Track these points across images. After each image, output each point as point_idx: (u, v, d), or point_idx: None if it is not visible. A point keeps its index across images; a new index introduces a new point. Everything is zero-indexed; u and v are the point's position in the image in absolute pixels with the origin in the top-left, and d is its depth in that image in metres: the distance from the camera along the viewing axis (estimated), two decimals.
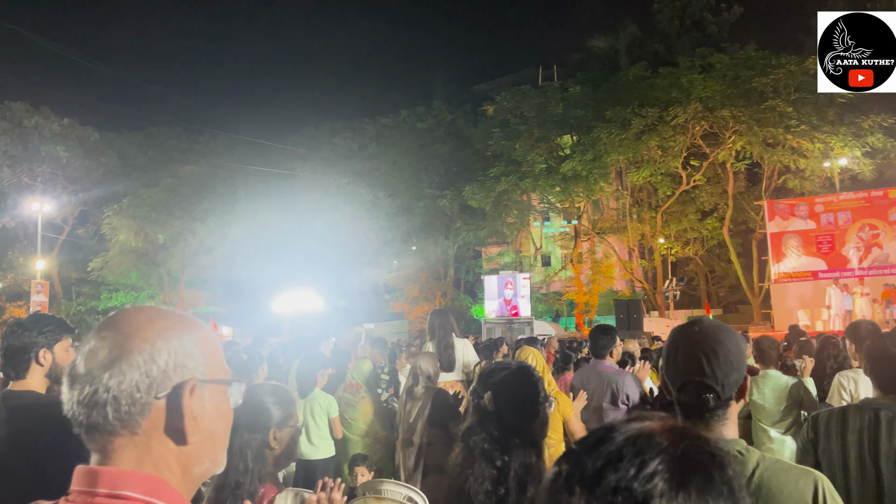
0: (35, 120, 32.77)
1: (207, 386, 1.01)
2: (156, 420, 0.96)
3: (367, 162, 31.57)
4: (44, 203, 29.43)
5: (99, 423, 0.94)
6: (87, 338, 1.00)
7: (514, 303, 21.97)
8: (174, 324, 1.02)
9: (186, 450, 0.98)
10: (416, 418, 4.73)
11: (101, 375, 0.94)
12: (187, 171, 33.02)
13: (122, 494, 0.91)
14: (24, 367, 2.59)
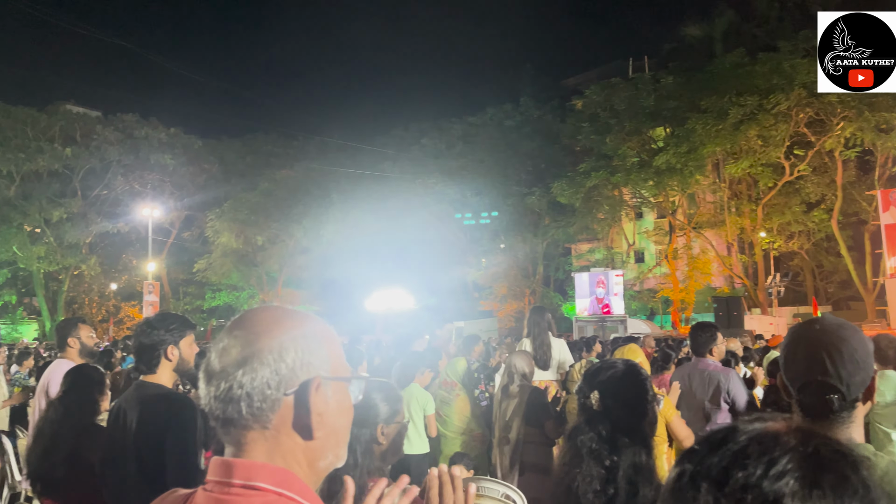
0: (145, 130, 34.99)
1: (331, 383, 1.05)
2: (284, 415, 1.00)
3: (455, 161, 31.77)
4: (153, 208, 31.33)
5: (234, 418, 0.99)
6: (219, 336, 1.06)
7: (607, 301, 21.54)
8: (300, 323, 1.06)
9: (312, 444, 1.02)
10: (512, 416, 4.72)
11: (235, 372, 0.99)
12: (283, 175, 34.33)
13: (256, 486, 0.96)
14: (155, 362, 2.81)
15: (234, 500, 0.96)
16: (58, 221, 33.23)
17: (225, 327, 1.08)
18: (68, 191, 34.37)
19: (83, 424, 3.23)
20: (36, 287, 34.91)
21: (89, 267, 34.14)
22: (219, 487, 0.99)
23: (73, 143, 33.56)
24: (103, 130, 34.19)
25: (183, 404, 2.77)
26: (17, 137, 32.44)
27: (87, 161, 33.74)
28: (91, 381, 3.36)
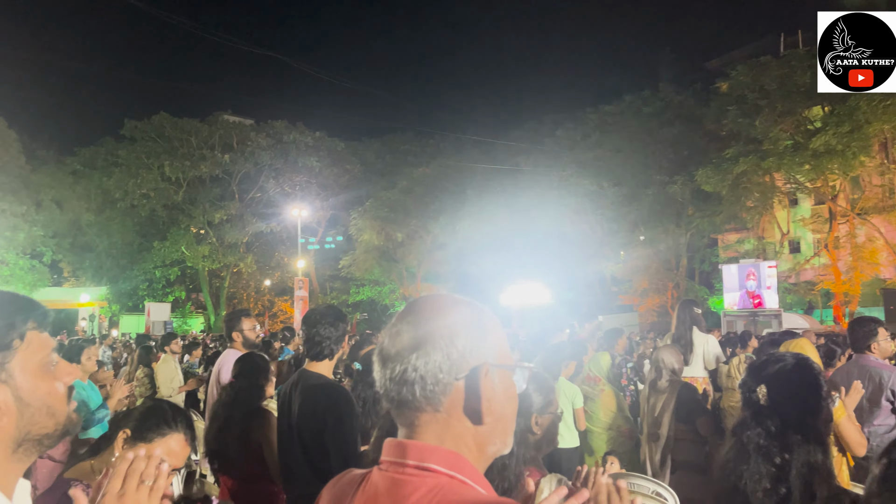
0: (293, 135, 37.26)
1: (497, 370, 1.07)
2: (455, 400, 1.04)
3: (591, 152, 31.05)
4: (302, 209, 33.28)
5: (408, 400, 1.04)
6: (392, 322, 1.11)
7: (758, 294, 20.20)
8: (468, 311, 1.09)
9: (482, 429, 1.05)
10: (661, 412, 4.57)
11: (409, 356, 1.03)
12: (420, 173, 35.24)
13: (429, 467, 1.00)
14: (324, 353, 3.03)
15: (409, 480, 1.00)
16: (219, 223, 36.23)
17: (397, 314, 1.13)
18: (227, 194, 37.36)
19: (251, 407, 3.51)
20: (202, 283, 38.29)
21: (246, 265, 36.93)
22: (393, 467, 1.03)
23: (230, 150, 36.42)
24: (256, 137, 36.80)
25: (340, 394, 2.93)
26: (183, 147, 35.70)
27: (243, 166, 36.48)
28: (257, 368, 3.64)
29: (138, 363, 8.55)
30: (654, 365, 4.81)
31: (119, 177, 34.60)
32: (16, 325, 1.04)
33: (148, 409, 1.96)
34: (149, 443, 1.88)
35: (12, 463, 1.04)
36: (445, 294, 1.14)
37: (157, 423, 1.92)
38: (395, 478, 1.02)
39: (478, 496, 0.97)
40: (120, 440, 1.89)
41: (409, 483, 0.99)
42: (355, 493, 1.08)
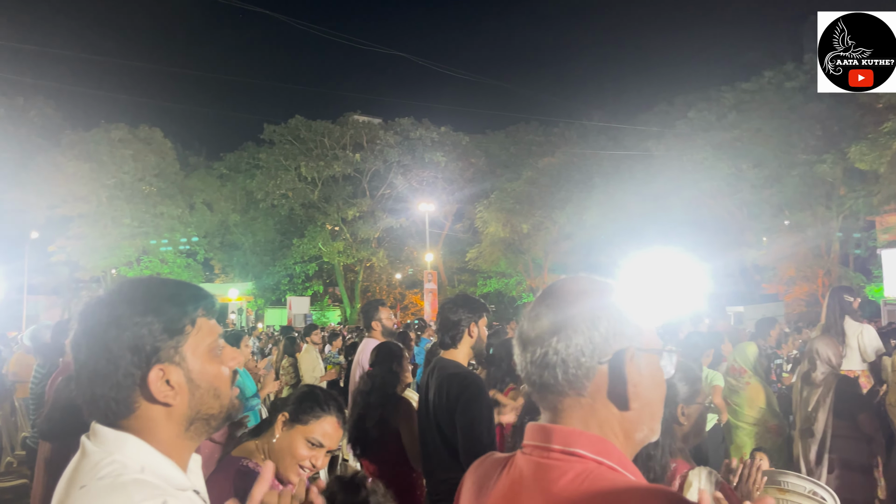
0: (419, 132, 38.10)
1: (643, 354, 1.03)
2: (599, 384, 1.01)
3: (727, 133, 29.27)
4: (429, 203, 33.95)
5: (550, 384, 1.02)
6: (531, 306, 1.10)
7: None
8: (610, 293, 1.06)
9: (628, 415, 1.02)
10: (816, 407, 4.25)
11: (550, 339, 1.02)
12: (545, 163, 34.85)
13: (575, 452, 0.98)
14: (458, 337, 3.09)
15: (555, 464, 0.98)
16: (352, 219, 37.78)
17: (536, 297, 1.11)
18: (359, 192, 38.85)
19: (387, 394, 3.62)
20: (337, 278, 40.13)
21: (378, 259, 38.28)
22: (538, 452, 1.02)
23: (360, 149, 37.83)
24: (384, 135, 37.97)
25: (470, 380, 2.97)
26: (317, 148, 37.51)
27: (373, 164, 37.77)
28: (392, 355, 3.75)
29: (283, 353, 9.09)
30: (807, 356, 4.47)
31: (260, 179, 36.97)
32: (188, 312, 1.11)
33: (303, 394, 2.08)
34: (305, 424, 2.00)
35: (185, 440, 1.12)
36: (585, 276, 1.11)
37: (312, 406, 2.03)
38: (540, 462, 1.01)
39: (629, 482, 0.94)
40: (279, 423, 2.01)
41: (556, 467, 0.98)
42: (499, 477, 1.08)
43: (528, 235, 35.08)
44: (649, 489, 0.93)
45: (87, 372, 1.07)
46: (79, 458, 1.06)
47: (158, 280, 1.17)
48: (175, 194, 34.16)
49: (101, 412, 1.07)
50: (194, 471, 1.18)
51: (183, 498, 1.05)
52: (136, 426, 1.08)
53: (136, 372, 1.06)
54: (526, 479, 1.01)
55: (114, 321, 1.06)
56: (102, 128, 32.11)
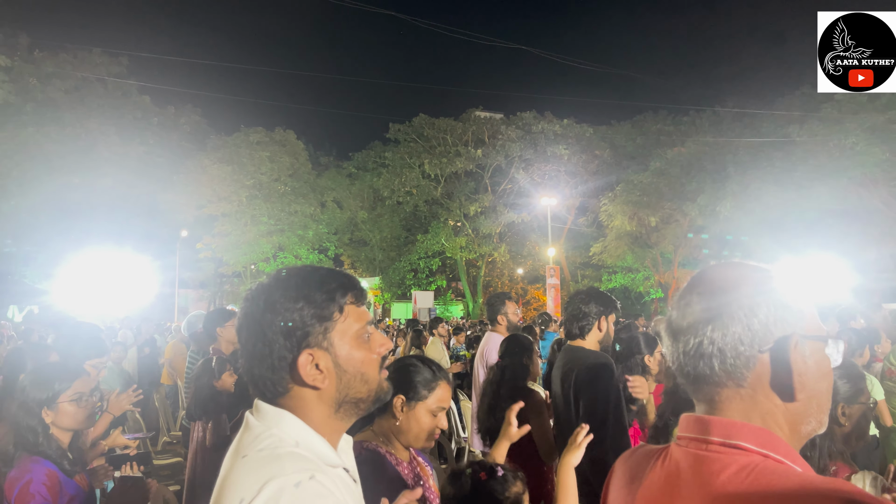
0: (541, 125, 37.76)
1: (808, 342, 0.96)
2: (760, 374, 0.95)
3: (881, 114, 26.72)
4: (551, 197, 33.58)
5: (706, 374, 0.97)
6: (680, 294, 1.05)
7: None
8: (768, 278, 0.99)
9: (793, 407, 0.95)
10: None
11: (704, 329, 0.97)
12: (674, 153, 33.44)
13: (738, 444, 0.92)
14: (587, 329, 3.08)
15: (716, 457, 0.93)
16: (474, 215, 38.11)
17: (686, 285, 1.06)
18: (480, 187, 39.12)
19: (518, 387, 3.61)
20: (460, 273, 40.65)
21: (500, 254, 38.38)
22: (695, 444, 0.97)
23: (482, 145, 38.05)
24: (506, 130, 37.94)
25: (600, 362, 2.93)
26: (440, 145, 38.13)
27: (494, 159, 37.88)
28: (523, 347, 3.74)
29: (411, 345, 9.34)
30: None
31: (386, 177, 38.11)
32: (335, 299, 1.16)
33: (410, 371, 2.10)
34: (423, 400, 2.05)
35: (336, 421, 1.18)
36: (738, 261, 1.05)
37: (425, 380, 2.08)
38: (698, 454, 0.96)
39: (802, 476, 0.87)
40: (397, 405, 2.06)
41: (717, 460, 0.92)
42: (653, 468, 1.04)
43: (657, 229, 33.83)
44: (827, 484, 0.85)
45: (248, 353, 1.15)
46: (243, 431, 1.14)
47: (311, 268, 1.23)
48: (308, 193, 35.94)
49: (261, 390, 1.15)
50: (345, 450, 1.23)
51: (332, 473, 1.10)
52: (291, 405, 1.14)
53: (287, 355, 1.12)
54: (684, 472, 0.96)
55: (269, 306, 1.13)
56: (242, 132, 34.31)
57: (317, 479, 1.03)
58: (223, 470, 1.09)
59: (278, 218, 34.55)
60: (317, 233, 36.75)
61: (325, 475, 1.06)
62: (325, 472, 1.08)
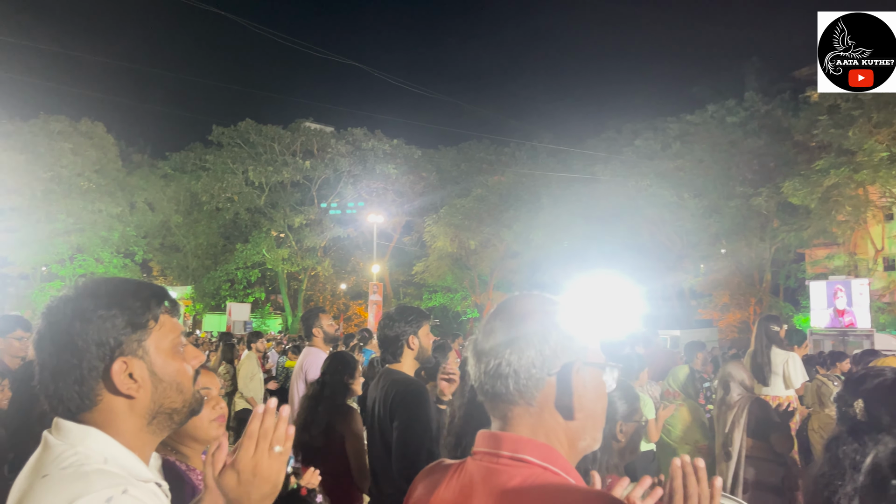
0: (371, 143, 38.04)
1: (588, 367, 1.11)
2: (548, 394, 1.08)
3: (671, 162, 30.27)
4: (378, 215, 33.86)
5: (502, 393, 1.09)
6: (486, 320, 1.17)
7: (848, 312, 19.20)
8: (560, 310, 1.13)
9: (573, 425, 1.09)
10: (732, 428, 4.44)
11: (503, 352, 1.09)
12: (495, 181, 35.27)
13: (524, 458, 1.04)
14: (399, 351, 3.08)
15: (504, 469, 1.04)
16: (298, 227, 37.35)
17: (491, 312, 1.18)
18: (307, 199, 38.48)
19: (336, 403, 3.62)
20: (280, 286, 39.53)
21: (324, 268, 37.92)
22: (488, 457, 1.08)
23: (311, 157, 37.53)
24: (336, 144, 37.76)
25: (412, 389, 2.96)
26: (267, 153, 37.02)
27: (323, 172, 37.50)
28: (346, 365, 3.75)
29: (222, 359, 8.93)
30: (721, 381, 4.69)
31: (206, 181, 36.20)
32: (150, 308, 1.14)
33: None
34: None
35: (148, 434, 1.15)
36: (538, 294, 1.18)
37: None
38: (490, 467, 1.07)
39: (572, 487, 1.01)
40: None
41: (505, 472, 1.04)
42: (450, 481, 1.13)
43: (476, 252, 35.35)
44: (591, 492, 1.01)
45: (51, 367, 1.09)
46: (41, 452, 1.07)
47: (122, 278, 1.20)
48: (115, 191, 33.10)
49: (64, 407, 1.09)
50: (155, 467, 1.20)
51: (145, 489, 1.07)
52: (99, 419, 1.10)
53: (99, 364, 1.08)
54: (476, 484, 1.07)
55: (78, 315, 1.09)
56: (42, 119, 30.95)
57: (130, 493, 1.01)
58: (17, 492, 1.02)
59: (79, 216, 31.40)
60: (123, 235, 33.86)
61: (138, 489, 1.03)
62: (138, 486, 1.05)
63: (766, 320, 6.02)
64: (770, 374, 5.65)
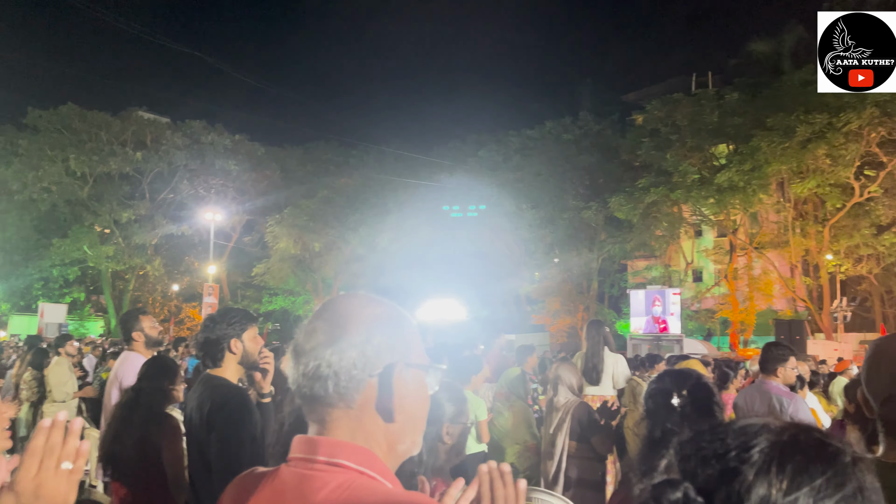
0: (211, 137, 36.14)
1: (411, 369, 1.08)
2: (368, 396, 1.04)
3: (512, 173, 31.73)
4: (216, 213, 32.25)
5: (320, 395, 1.03)
6: (309, 319, 1.11)
7: (663, 319, 21.10)
8: (384, 311, 1.10)
9: (393, 427, 1.06)
10: (557, 429, 4.68)
11: (323, 352, 1.03)
12: (342, 184, 34.91)
13: (339, 463, 0.99)
14: (220, 356, 2.88)
15: (318, 475, 0.99)
16: (126, 222, 34.57)
17: (315, 311, 1.12)
18: (137, 193, 35.75)
19: (153, 412, 3.34)
20: (104, 285, 36.35)
21: (154, 268, 35.35)
22: (303, 463, 1.02)
23: (143, 148, 34.91)
24: (172, 136, 35.46)
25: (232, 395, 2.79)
26: (92, 141, 33.95)
27: (156, 165, 35.02)
28: (165, 370, 3.48)
29: (28, 365, 8.02)
30: (552, 383, 4.92)
31: (18, 168, 32.46)
32: None
33: None
34: None
35: None
36: (363, 294, 1.14)
37: None
38: (303, 473, 1.01)
39: (388, 491, 0.98)
40: None
41: (319, 478, 0.98)
42: (261, 490, 1.06)
43: (320, 254, 34.78)
44: (406, 495, 0.98)
45: None
46: None
47: None
48: None
49: None
50: None
51: None
52: None
53: None
54: (288, 491, 1.00)
55: None
56: None
57: None
58: None
59: None
60: None
61: None
62: None
63: (597, 324, 6.44)
64: (602, 375, 6.06)
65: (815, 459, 0.66)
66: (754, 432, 0.69)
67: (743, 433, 0.69)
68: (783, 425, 0.70)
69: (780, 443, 0.67)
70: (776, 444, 0.67)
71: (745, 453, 0.66)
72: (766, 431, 0.69)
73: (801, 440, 0.68)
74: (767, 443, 0.67)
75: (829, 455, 0.67)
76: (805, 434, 0.69)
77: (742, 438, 0.68)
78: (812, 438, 0.69)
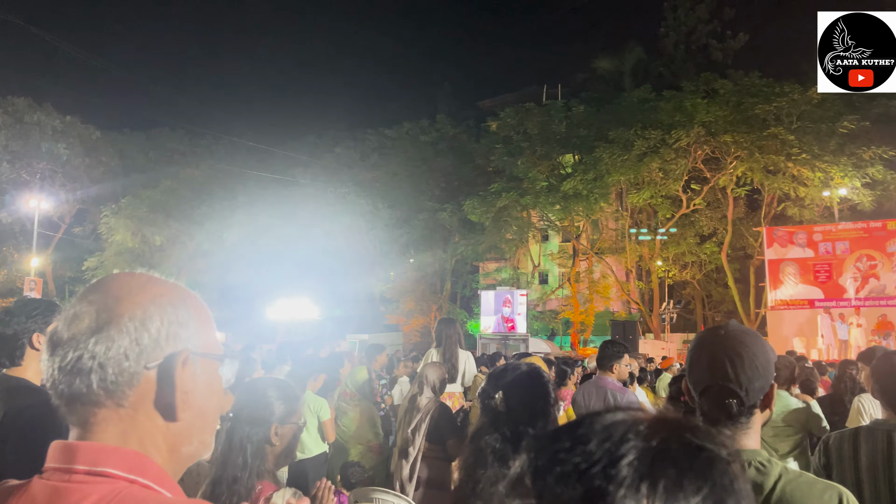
0: (37, 116, 32.74)
1: (200, 359, 0.93)
2: (144, 392, 0.88)
3: (369, 172, 31.56)
4: (41, 200, 29.34)
5: (82, 393, 0.85)
6: (72, 302, 0.91)
7: (512, 319, 21.88)
8: (168, 291, 0.93)
9: (175, 427, 0.90)
10: (415, 429, 4.62)
11: (86, 341, 0.85)
12: (187, 174, 32.97)
13: (104, 472, 0.82)
14: (19, 353, 2.51)
15: (76, 488, 0.81)
16: None
17: (79, 293, 0.93)
18: None
19: None
20: None
21: None
22: (58, 475, 0.84)
23: None
24: None
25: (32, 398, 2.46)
26: None
27: None
28: None
29: None
30: (417, 381, 4.87)
31: None
32: None
33: None
34: None
35: None
36: (142, 273, 0.96)
37: None
38: (58, 486, 0.82)
39: (163, 500, 0.82)
40: None
41: (77, 491, 0.81)
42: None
43: (161, 249, 32.60)
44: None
45: None
46: None
47: None
48: None
49: None
50: None
51: None
52: None
53: None
54: None
55: None
56: None
57: None
58: None
59: None
60: None
61: None
62: None
63: (450, 322, 6.49)
64: (456, 373, 6.13)
65: (688, 471, 0.57)
66: (620, 436, 0.58)
67: (607, 437, 0.58)
68: (650, 424, 0.60)
69: (649, 451, 0.57)
70: (646, 452, 0.57)
71: (611, 469, 0.55)
72: (633, 435, 0.59)
73: (672, 448, 0.59)
74: (636, 452, 0.56)
75: (704, 464, 0.58)
76: (676, 439, 0.60)
77: (607, 446, 0.58)
78: (684, 443, 0.60)
